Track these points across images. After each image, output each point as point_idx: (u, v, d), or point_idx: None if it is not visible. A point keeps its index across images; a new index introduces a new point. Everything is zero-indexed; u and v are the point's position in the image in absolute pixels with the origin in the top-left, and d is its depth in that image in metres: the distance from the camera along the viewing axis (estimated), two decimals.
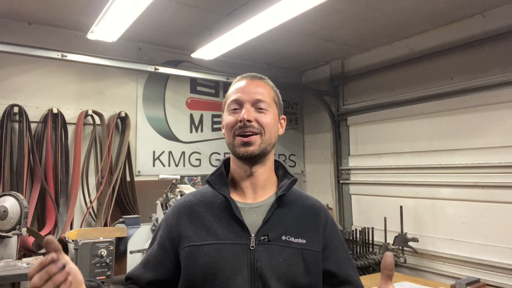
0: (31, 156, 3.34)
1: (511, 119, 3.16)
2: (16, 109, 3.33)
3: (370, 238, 3.86)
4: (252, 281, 1.07)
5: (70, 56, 3.28)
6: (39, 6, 3.20)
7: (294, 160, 5.21)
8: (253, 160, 1.16)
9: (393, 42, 4.04)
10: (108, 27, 2.96)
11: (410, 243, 3.49)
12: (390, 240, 3.64)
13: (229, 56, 4.16)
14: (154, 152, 4.15)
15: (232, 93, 1.20)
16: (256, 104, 1.16)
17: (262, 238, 1.11)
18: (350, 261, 1.24)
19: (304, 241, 1.13)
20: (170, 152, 4.25)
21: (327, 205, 3.86)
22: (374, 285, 3.30)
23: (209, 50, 3.59)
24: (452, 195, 3.51)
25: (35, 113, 3.47)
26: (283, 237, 1.12)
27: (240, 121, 1.13)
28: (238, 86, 1.21)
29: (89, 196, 3.66)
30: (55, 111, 3.50)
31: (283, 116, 1.27)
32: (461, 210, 3.44)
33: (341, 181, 4.62)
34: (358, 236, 3.88)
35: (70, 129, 3.62)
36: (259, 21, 2.91)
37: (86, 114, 3.68)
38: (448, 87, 3.56)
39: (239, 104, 1.17)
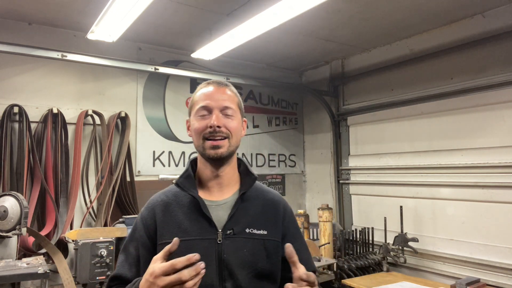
0: (31, 156, 3.34)
1: (511, 119, 3.16)
2: (16, 109, 3.33)
3: (370, 238, 3.86)
4: (220, 271, 1.18)
5: (70, 56, 3.28)
6: (39, 6, 3.20)
7: (294, 160, 5.21)
8: (221, 161, 1.27)
9: (393, 42, 4.04)
10: (108, 27, 2.96)
11: (410, 243, 3.49)
12: (390, 240, 3.64)
13: (229, 56, 4.16)
14: (154, 152, 4.15)
15: (200, 99, 1.29)
16: (223, 111, 1.26)
17: (228, 232, 1.22)
18: (305, 247, 1.39)
19: (266, 232, 1.25)
20: (170, 152, 4.25)
21: (327, 205, 3.86)
22: (374, 285, 3.31)
23: (209, 50, 3.59)
24: (452, 195, 3.51)
25: (35, 113, 3.47)
26: (247, 230, 1.23)
27: (211, 126, 1.23)
28: (205, 92, 1.30)
29: (89, 196, 3.66)
30: (55, 111, 3.50)
31: (245, 119, 1.39)
32: (461, 210, 3.43)
33: (341, 181, 4.62)
34: (358, 236, 3.88)
35: (70, 129, 3.62)
36: (259, 21, 2.91)
37: (86, 114, 3.67)
38: (448, 87, 3.56)
39: (207, 110, 1.26)
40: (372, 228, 3.89)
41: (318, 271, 3.41)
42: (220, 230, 1.21)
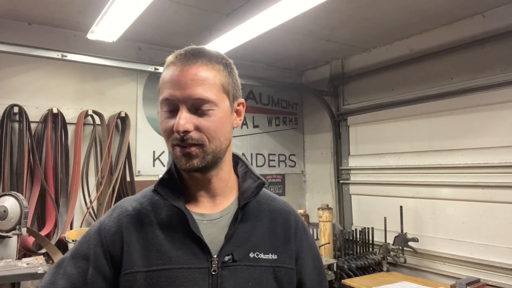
0: (31, 156, 3.33)
1: (511, 119, 3.16)
2: (16, 109, 3.33)
3: (370, 238, 3.86)
4: None
5: (70, 56, 3.28)
6: (39, 6, 3.20)
7: (294, 160, 5.21)
8: (201, 171, 0.93)
9: (393, 42, 4.04)
10: (108, 27, 2.96)
11: (410, 243, 3.49)
12: (390, 240, 3.64)
13: (229, 56, 4.15)
14: (154, 152, 4.15)
15: (165, 85, 0.93)
16: (195, 105, 0.89)
17: (227, 258, 0.89)
18: (318, 269, 1.07)
19: (276, 257, 0.94)
20: None
21: (327, 205, 3.85)
22: (374, 285, 3.31)
23: None
24: (452, 195, 3.51)
25: (35, 113, 3.47)
26: (251, 255, 0.92)
27: (177, 131, 0.88)
28: (171, 74, 0.92)
29: (89, 196, 3.66)
30: (55, 111, 3.49)
31: (241, 100, 1.00)
32: (461, 210, 3.43)
33: (341, 181, 4.62)
34: (358, 236, 3.88)
35: (70, 129, 3.62)
36: (259, 21, 2.91)
37: (86, 114, 3.67)
38: (448, 87, 3.55)
39: (172, 105, 0.91)
40: (372, 228, 3.89)
41: None
42: (216, 256, 0.89)
